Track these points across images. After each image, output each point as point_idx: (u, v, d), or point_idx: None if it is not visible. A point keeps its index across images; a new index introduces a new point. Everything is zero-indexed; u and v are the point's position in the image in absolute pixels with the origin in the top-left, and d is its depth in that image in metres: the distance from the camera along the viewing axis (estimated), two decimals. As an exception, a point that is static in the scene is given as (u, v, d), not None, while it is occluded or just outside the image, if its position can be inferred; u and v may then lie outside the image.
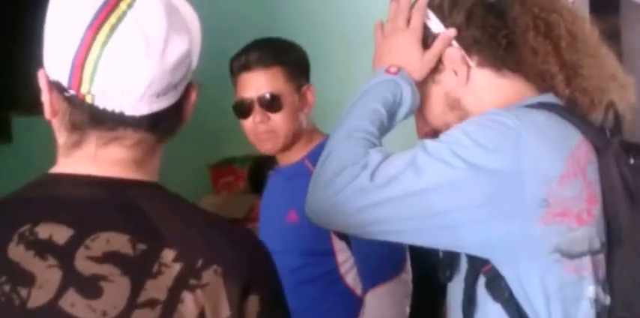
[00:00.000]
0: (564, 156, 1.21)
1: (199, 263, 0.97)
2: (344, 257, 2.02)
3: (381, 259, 1.96)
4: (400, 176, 1.19)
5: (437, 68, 1.37)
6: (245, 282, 0.98)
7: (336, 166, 1.24)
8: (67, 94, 1.02)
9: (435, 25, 1.36)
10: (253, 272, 1.00)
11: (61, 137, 1.06)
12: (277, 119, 2.04)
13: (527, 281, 1.22)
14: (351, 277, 2.03)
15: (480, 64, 1.34)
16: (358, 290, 2.02)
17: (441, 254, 1.36)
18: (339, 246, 2.01)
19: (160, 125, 1.05)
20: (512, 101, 1.32)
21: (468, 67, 1.34)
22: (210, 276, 0.97)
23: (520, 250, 1.21)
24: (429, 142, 1.23)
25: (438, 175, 1.19)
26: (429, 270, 1.48)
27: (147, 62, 0.99)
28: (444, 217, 1.20)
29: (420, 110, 1.40)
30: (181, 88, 1.06)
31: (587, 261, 1.22)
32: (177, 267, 0.96)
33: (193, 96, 1.10)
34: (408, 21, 1.38)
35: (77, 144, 1.04)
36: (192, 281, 0.96)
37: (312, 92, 2.10)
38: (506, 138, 1.20)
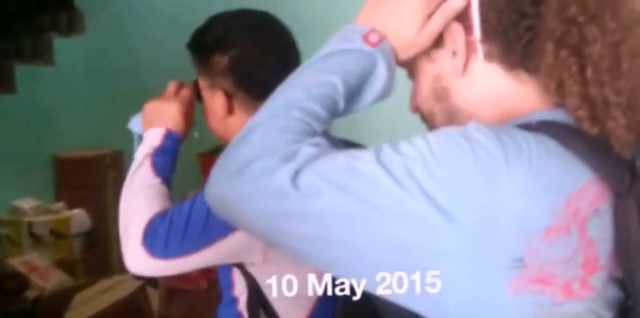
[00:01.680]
0: (556, 202, 0.88)
1: None
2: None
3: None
4: (335, 188, 0.87)
5: (436, 42, 1.05)
6: None
7: (249, 152, 0.92)
8: None
9: None
10: None
11: None
12: None
13: None
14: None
15: (489, 56, 1.01)
16: None
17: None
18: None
19: None
20: (514, 114, 1.00)
21: (469, 53, 1.02)
22: None
23: None
24: (387, 149, 0.91)
25: (382, 198, 0.87)
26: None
27: None
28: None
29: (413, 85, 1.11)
30: None
31: None
32: None
33: None
34: None
35: None
36: None
37: (218, 100, 1.62)
38: (481, 168, 0.87)
